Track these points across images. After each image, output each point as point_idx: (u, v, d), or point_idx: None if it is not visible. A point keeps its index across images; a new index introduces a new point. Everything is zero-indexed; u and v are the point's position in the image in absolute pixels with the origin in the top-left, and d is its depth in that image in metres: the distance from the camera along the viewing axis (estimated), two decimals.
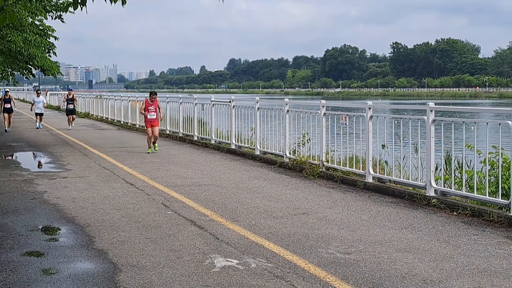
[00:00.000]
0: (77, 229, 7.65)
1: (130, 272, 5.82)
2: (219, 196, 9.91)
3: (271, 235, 7.27)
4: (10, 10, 6.49)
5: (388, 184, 10.25)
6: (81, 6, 6.58)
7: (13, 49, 22.98)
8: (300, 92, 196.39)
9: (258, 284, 5.45)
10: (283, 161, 13.45)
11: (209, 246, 6.74)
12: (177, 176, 12.14)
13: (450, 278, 5.62)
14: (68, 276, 5.70)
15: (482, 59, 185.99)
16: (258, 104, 15.18)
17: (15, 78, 34.66)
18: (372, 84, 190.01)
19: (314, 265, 6.01)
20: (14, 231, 7.51)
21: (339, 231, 7.46)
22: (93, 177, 12.00)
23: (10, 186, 10.95)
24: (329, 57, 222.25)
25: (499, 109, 10.04)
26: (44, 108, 28.63)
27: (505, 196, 8.07)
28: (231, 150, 16.30)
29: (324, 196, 9.91)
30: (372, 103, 10.94)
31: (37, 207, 9.09)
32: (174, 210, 8.79)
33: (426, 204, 8.97)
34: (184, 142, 19.59)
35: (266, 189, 10.62)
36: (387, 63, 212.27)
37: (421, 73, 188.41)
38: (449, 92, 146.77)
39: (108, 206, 9.11)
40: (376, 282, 5.51)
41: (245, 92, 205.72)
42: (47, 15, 24.42)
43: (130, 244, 6.86)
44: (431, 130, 9.27)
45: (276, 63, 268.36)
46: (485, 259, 6.23)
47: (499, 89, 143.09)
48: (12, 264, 6.08)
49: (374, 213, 8.53)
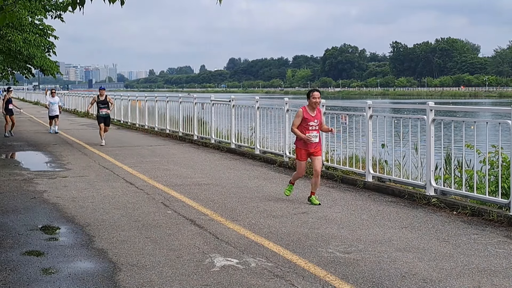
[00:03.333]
0: (77, 228, 7.65)
1: (130, 271, 5.82)
2: (219, 195, 9.91)
3: (271, 234, 7.27)
4: (10, 9, 6.48)
5: (388, 183, 10.25)
6: (79, 7, 6.58)
7: (13, 48, 22.98)
8: (300, 91, 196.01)
9: (258, 284, 5.45)
10: (283, 161, 13.45)
11: (209, 246, 6.74)
12: (177, 175, 12.14)
13: (450, 277, 5.63)
14: (68, 276, 5.70)
15: (482, 58, 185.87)
16: (258, 104, 15.18)
17: (15, 77, 34.66)
18: (372, 83, 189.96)
19: (313, 265, 6.01)
20: (14, 231, 7.51)
21: (339, 231, 7.46)
22: (93, 177, 12.00)
23: (10, 186, 10.95)
24: (329, 57, 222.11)
25: (498, 108, 10.04)
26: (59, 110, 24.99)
27: (504, 195, 8.07)
28: (231, 150, 16.30)
29: (324, 195, 9.90)
30: (372, 103, 10.94)
31: (37, 206, 9.09)
32: (174, 209, 8.79)
33: (426, 204, 8.97)
34: (184, 142, 19.59)
35: (265, 188, 10.62)
36: (387, 62, 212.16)
37: (421, 72, 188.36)
38: (449, 92, 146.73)
39: (108, 205, 9.11)
40: (376, 281, 5.51)
41: (245, 91, 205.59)
42: (47, 15, 24.42)
43: (130, 243, 6.86)
44: (431, 129, 9.28)
45: (276, 63, 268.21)
46: (485, 258, 6.23)
47: (499, 89, 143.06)
48: (12, 264, 6.08)
49: (374, 212, 8.53)
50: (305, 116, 9.06)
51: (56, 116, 24.30)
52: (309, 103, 9.14)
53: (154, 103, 24.28)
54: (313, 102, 9.09)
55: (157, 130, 23.17)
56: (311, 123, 9.05)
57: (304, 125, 9.04)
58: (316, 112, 9.14)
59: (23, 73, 30.43)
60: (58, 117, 24.52)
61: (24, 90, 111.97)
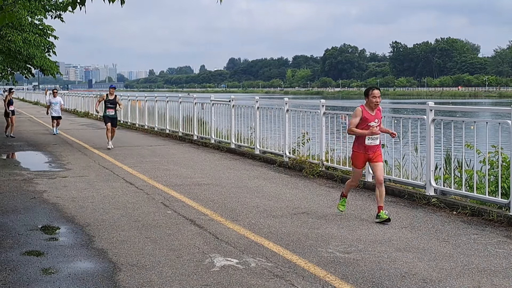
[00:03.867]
0: (77, 228, 7.65)
1: (129, 271, 5.82)
2: (219, 195, 9.91)
3: (271, 234, 7.27)
4: (9, 9, 6.48)
5: (388, 183, 10.23)
6: (80, 6, 6.58)
7: (13, 48, 22.98)
8: (300, 91, 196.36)
9: (258, 284, 5.45)
10: (282, 161, 13.45)
11: (209, 246, 6.74)
12: (177, 175, 12.14)
13: (450, 277, 5.63)
14: (67, 276, 5.70)
15: (482, 58, 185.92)
16: (257, 104, 15.18)
17: (15, 77, 34.64)
18: (371, 83, 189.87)
19: (313, 265, 6.01)
20: (14, 231, 7.51)
21: (338, 231, 7.46)
22: (92, 177, 11.99)
23: (10, 186, 10.95)
24: (329, 57, 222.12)
25: (498, 108, 10.04)
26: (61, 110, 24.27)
27: (504, 195, 8.07)
28: (231, 150, 16.30)
29: (324, 195, 9.91)
30: None
31: (36, 206, 9.09)
32: (174, 209, 8.79)
33: (426, 204, 8.97)
34: (184, 142, 19.58)
35: (265, 188, 10.62)
36: (386, 62, 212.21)
37: (421, 72, 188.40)
38: (449, 92, 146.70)
39: (108, 205, 9.11)
40: (375, 281, 5.51)
41: (244, 91, 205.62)
42: (47, 15, 24.42)
43: (129, 243, 6.86)
44: (430, 129, 9.28)
45: (275, 63, 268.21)
46: (485, 258, 6.23)
47: (499, 89, 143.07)
48: (12, 264, 6.08)
49: (374, 212, 8.52)
50: (364, 116, 8.02)
51: (58, 117, 23.80)
52: (367, 103, 8.08)
53: (154, 103, 24.28)
54: (373, 102, 8.02)
55: (157, 130, 23.16)
56: (372, 124, 8.00)
57: (363, 127, 8.01)
58: (376, 111, 8.11)
59: (23, 73, 30.40)
60: (60, 118, 24.08)
61: (24, 90, 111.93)
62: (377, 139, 8.05)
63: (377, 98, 8.00)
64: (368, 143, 8.00)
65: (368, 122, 8.00)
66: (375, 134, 7.97)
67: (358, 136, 8.06)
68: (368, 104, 8.09)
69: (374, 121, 8.03)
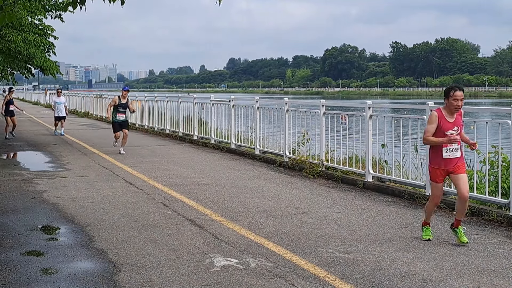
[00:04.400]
0: (77, 228, 7.65)
1: (129, 271, 5.82)
2: (219, 195, 9.91)
3: (271, 234, 7.27)
4: (9, 9, 6.48)
5: (388, 183, 10.25)
6: (80, 6, 6.58)
7: (13, 48, 22.95)
8: (300, 91, 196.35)
9: (258, 284, 5.45)
10: (282, 161, 13.45)
11: (209, 246, 6.74)
12: (177, 175, 12.14)
13: (450, 277, 5.63)
14: (67, 276, 5.70)
15: (482, 58, 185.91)
16: (257, 104, 15.18)
17: (15, 77, 34.64)
18: (371, 83, 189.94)
19: (313, 265, 6.01)
20: (14, 231, 7.51)
21: (338, 231, 7.46)
22: (92, 177, 11.99)
23: (10, 186, 10.95)
24: (329, 57, 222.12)
25: (498, 108, 10.04)
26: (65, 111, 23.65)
27: (504, 195, 8.07)
28: (231, 150, 16.30)
29: (324, 195, 9.91)
30: (372, 103, 10.94)
31: (36, 206, 9.09)
32: (174, 209, 8.79)
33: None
34: (184, 142, 19.58)
35: (265, 188, 10.62)
36: (386, 62, 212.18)
37: (421, 72, 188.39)
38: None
39: (108, 205, 9.11)
40: (375, 281, 5.51)
41: (244, 91, 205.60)
42: (47, 15, 24.38)
43: (129, 243, 6.86)
44: None
45: (275, 63, 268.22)
46: (485, 258, 6.23)
47: (499, 89, 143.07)
48: (11, 264, 6.08)
49: (373, 212, 8.54)
50: (441, 123, 6.75)
51: (63, 117, 23.28)
52: (447, 105, 6.78)
53: (154, 103, 24.28)
54: (453, 105, 6.71)
55: (157, 130, 23.17)
56: (450, 132, 6.74)
57: (439, 136, 6.75)
58: (456, 115, 6.82)
59: (23, 73, 30.38)
60: (64, 119, 23.55)
61: (24, 90, 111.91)
62: (457, 151, 6.78)
63: (459, 101, 6.69)
64: (446, 156, 6.77)
65: (445, 131, 6.74)
66: (454, 141, 6.69)
67: (434, 147, 6.86)
68: (448, 107, 6.78)
69: (453, 128, 6.76)
